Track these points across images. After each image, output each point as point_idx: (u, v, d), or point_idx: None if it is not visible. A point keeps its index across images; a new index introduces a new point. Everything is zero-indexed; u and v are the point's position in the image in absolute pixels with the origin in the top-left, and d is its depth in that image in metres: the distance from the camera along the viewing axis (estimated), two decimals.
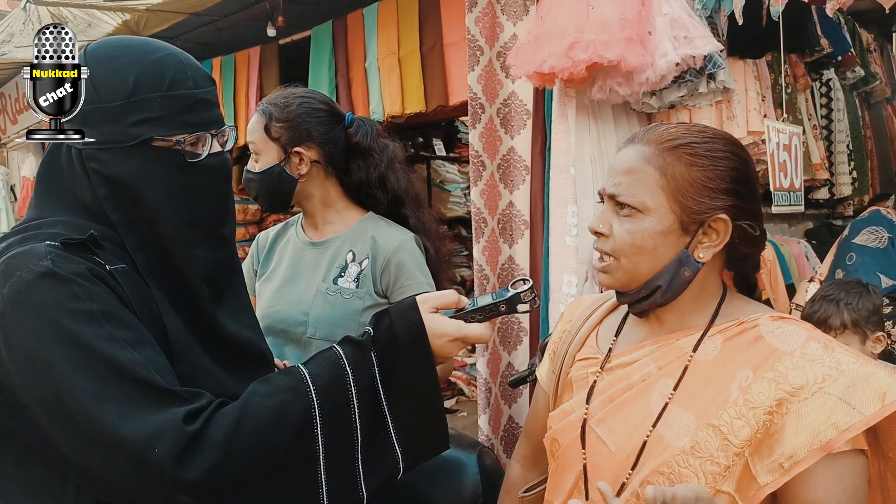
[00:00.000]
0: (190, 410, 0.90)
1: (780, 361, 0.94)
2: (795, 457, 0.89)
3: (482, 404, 2.48)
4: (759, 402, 0.93)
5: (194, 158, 1.04)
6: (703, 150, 1.01)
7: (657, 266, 1.01)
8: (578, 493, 1.06)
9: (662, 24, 2.06)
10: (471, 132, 2.46)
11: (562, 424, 1.11)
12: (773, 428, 0.91)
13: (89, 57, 1.00)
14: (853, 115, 3.87)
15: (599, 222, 1.04)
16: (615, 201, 1.03)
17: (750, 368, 0.96)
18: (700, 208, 0.99)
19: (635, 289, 1.04)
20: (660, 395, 1.01)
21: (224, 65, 4.79)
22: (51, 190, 1.04)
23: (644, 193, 1.00)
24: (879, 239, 2.68)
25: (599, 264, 1.05)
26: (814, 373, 0.92)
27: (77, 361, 0.88)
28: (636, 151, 1.03)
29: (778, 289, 2.73)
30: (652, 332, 1.08)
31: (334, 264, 1.67)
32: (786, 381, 0.92)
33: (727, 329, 1.02)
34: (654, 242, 1.00)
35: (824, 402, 0.89)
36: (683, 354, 1.02)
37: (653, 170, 1.00)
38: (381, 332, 1.03)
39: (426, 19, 3.68)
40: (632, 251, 1.01)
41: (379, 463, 1.00)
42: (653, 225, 1.00)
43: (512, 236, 2.53)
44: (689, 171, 1.00)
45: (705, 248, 1.01)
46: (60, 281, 0.90)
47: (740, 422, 0.93)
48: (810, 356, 0.94)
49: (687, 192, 0.99)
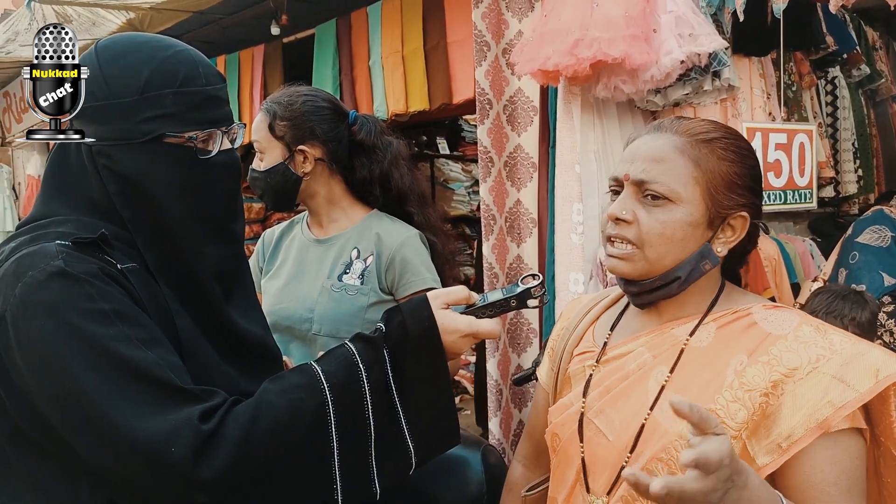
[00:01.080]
0: (205, 409, 0.90)
1: (774, 345, 0.95)
2: (793, 436, 0.90)
3: (493, 407, 2.45)
4: (754, 384, 0.93)
5: (205, 155, 1.04)
6: (733, 146, 1.02)
7: (681, 257, 1.01)
8: (580, 487, 1.06)
9: (667, 21, 2.06)
10: (479, 128, 2.45)
11: (561, 418, 1.11)
12: (769, 409, 0.92)
13: (101, 53, 1.00)
14: (858, 113, 3.85)
15: (622, 208, 1.01)
16: (641, 188, 1.01)
17: (744, 353, 0.97)
18: (729, 203, 1.00)
19: (651, 279, 1.02)
20: (655, 381, 1.01)
21: (228, 63, 4.80)
22: (59, 187, 1.04)
23: (677, 183, 0.99)
24: (882, 238, 2.68)
25: (616, 251, 1.03)
26: (808, 354, 0.93)
27: (91, 361, 0.88)
28: (666, 140, 1.01)
29: (783, 287, 2.72)
30: (648, 323, 1.09)
31: (339, 261, 1.67)
32: (780, 363, 0.93)
33: (721, 317, 1.03)
34: (684, 233, 0.99)
35: (819, 381, 0.90)
36: (678, 341, 1.03)
37: (687, 160, 0.99)
38: (393, 328, 1.03)
39: (430, 17, 3.67)
40: (659, 241, 0.99)
41: (392, 458, 1.00)
42: (684, 216, 0.99)
43: (520, 235, 2.52)
44: (721, 165, 1.00)
45: (722, 244, 1.02)
46: (72, 281, 0.90)
47: (736, 405, 0.93)
48: (804, 339, 0.95)
49: (718, 186, 1.00)
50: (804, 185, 2.43)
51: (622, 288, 1.10)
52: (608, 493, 1.01)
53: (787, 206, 2.44)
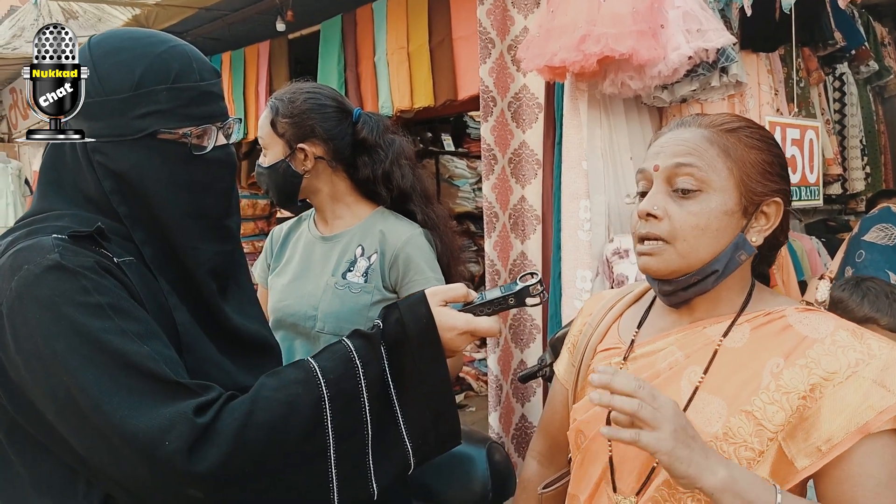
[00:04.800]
0: (200, 403, 0.89)
1: (811, 348, 0.95)
2: (833, 440, 0.89)
3: (493, 402, 2.46)
4: (792, 387, 0.93)
5: (200, 151, 1.03)
6: (758, 134, 1.02)
7: (717, 249, 0.99)
8: (606, 485, 1.05)
9: (675, 16, 2.05)
10: (482, 125, 2.44)
11: (587, 416, 1.09)
12: (807, 412, 0.91)
13: (94, 49, 0.99)
14: (867, 110, 3.83)
15: (653, 204, 0.99)
16: (673, 180, 1.00)
17: (780, 356, 0.96)
18: (763, 190, 1.00)
19: (687, 275, 1.01)
20: (688, 381, 1.00)
21: (233, 60, 4.80)
22: (55, 183, 1.03)
23: (711, 171, 0.98)
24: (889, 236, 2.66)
25: (645, 247, 1.01)
26: (846, 358, 0.92)
27: (86, 355, 0.87)
28: (692, 133, 1.01)
29: (790, 284, 2.70)
30: (678, 321, 1.07)
31: (343, 259, 1.67)
32: (819, 366, 0.93)
33: (755, 318, 1.01)
34: (719, 223, 0.98)
35: (859, 386, 0.90)
36: (711, 341, 1.01)
37: (717, 150, 0.99)
38: (391, 325, 1.02)
39: (435, 14, 3.67)
40: (694, 233, 0.98)
41: (389, 458, 0.99)
42: (719, 205, 0.98)
43: (524, 231, 2.52)
44: (750, 153, 1.00)
45: (757, 232, 1.01)
46: (69, 274, 0.89)
47: (773, 407, 0.93)
48: (841, 343, 0.94)
49: (750, 173, 0.99)
50: (813, 181, 2.42)
51: (656, 289, 1.07)
52: (637, 494, 1.00)
53: (801, 202, 2.43)
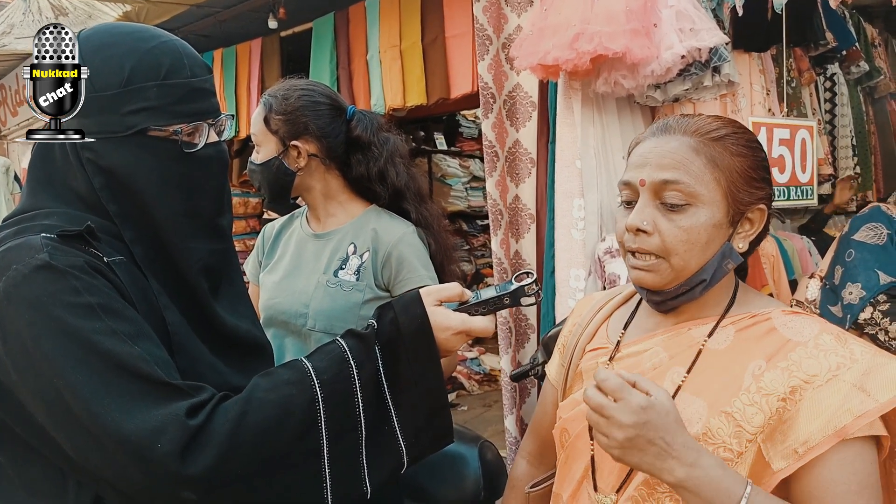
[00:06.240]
0: (192, 404, 0.88)
1: (794, 351, 0.94)
2: (809, 442, 0.89)
3: (507, 405, 2.42)
4: (772, 389, 0.92)
5: (191, 149, 1.02)
6: (743, 140, 1.01)
7: (705, 260, 0.99)
8: (587, 483, 1.05)
9: (668, 16, 2.05)
10: (483, 122, 2.44)
11: (571, 414, 1.09)
12: (786, 415, 0.91)
13: (83, 44, 0.97)
14: (857, 110, 3.85)
15: (642, 219, 0.98)
16: (660, 194, 0.98)
17: (763, 358, 0.96)
18: (749, 199, 0.99)
19: (676, 286, 1.00)
20: (671, 382, 1.00)
21: (225, 57, 4.77)
22: (44, 180, 1.01)
23: (699, 185, 0.97)
24: (879, 235, 2.66)
25: (640, 262, 1.00)
26: (828, 361, 0.92)
27: (76, 356, 0.86)
28: (678, 142, 0.99)
29: (781, 284, 2.71)
30: (663, 322, 1.07)
31: (336, 256, 1.66)
32: (799, 369, 0.93)
33: (739, 320, 1.01)
34: (708, 236, 0.97)
35: (839, 389, 0.90)
36: (695, 343, 1.01)
37: (704, 160, 0.97)
38: (385, 325, 1.02)
39: (428, 12, 3.66)
40: (685, 247, 0.97)
41: (383, 457, 0.99)
42: (708, 218, 0.97)
43: (518, 230, 2.51)
44: (735, 161, 0.98)
45: (742, 238, 1.01)
46: (58, 274, 0.88)
47: (753, 409, 0.93)
48: (824, 346, 0.94)
49: (737, 182, 0.98)
50: (806, 181, 2.43)
51: (645, 298, 1.07)
52: (617, 492, 1.00)
53: (790, 202, 2.44)
